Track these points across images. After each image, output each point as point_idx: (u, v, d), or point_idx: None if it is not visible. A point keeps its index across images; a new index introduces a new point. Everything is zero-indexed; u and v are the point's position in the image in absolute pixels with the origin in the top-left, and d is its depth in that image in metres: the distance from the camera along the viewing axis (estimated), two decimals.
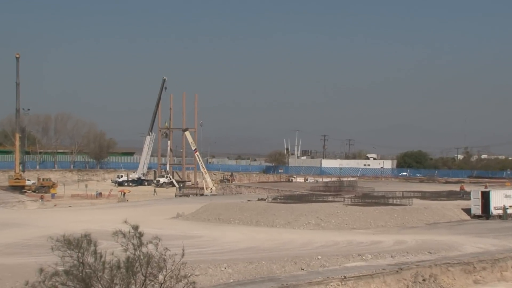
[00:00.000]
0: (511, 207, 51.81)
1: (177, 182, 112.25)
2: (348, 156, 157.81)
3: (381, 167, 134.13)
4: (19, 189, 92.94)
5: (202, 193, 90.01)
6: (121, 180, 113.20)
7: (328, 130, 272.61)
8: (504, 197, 52.16)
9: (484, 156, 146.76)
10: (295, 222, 46.50)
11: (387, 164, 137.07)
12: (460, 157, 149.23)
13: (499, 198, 52.09)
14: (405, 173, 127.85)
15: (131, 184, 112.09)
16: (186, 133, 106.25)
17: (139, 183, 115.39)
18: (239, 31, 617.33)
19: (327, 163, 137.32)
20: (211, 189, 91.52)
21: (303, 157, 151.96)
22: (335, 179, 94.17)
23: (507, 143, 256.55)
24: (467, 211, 52.96)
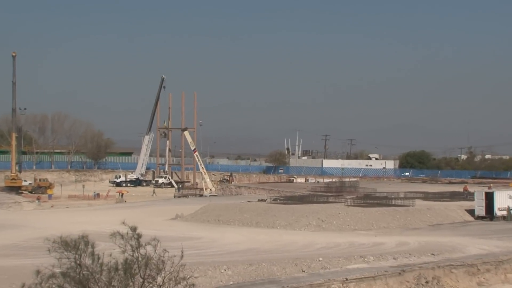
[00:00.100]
0: None
1: (176, 182, 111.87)
2: (349, 156, 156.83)
3: (383, 168, 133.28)
4: (16, 189, 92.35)
5: (201, 194, 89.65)
6: (119, 180, 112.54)
7: (329, 130, 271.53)
8: (508, 198, 51.92)
9: (488, 156, 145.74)
10: (296, 223, 46.19)
11: (389, 164, 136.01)
12: (463, 157, 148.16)
13: (503, 199, 51.85)
14: (407, 174, 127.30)
15: (129, 184, 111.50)
16: (185, 133, 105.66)
17: (137, 183, 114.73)
18: (239, 31, 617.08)
19: (328, 163, 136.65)
20: (211, 189, 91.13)
21: (304, 157, 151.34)
22: (337, 180, 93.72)
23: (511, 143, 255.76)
24: (471, 212, 52.69)
